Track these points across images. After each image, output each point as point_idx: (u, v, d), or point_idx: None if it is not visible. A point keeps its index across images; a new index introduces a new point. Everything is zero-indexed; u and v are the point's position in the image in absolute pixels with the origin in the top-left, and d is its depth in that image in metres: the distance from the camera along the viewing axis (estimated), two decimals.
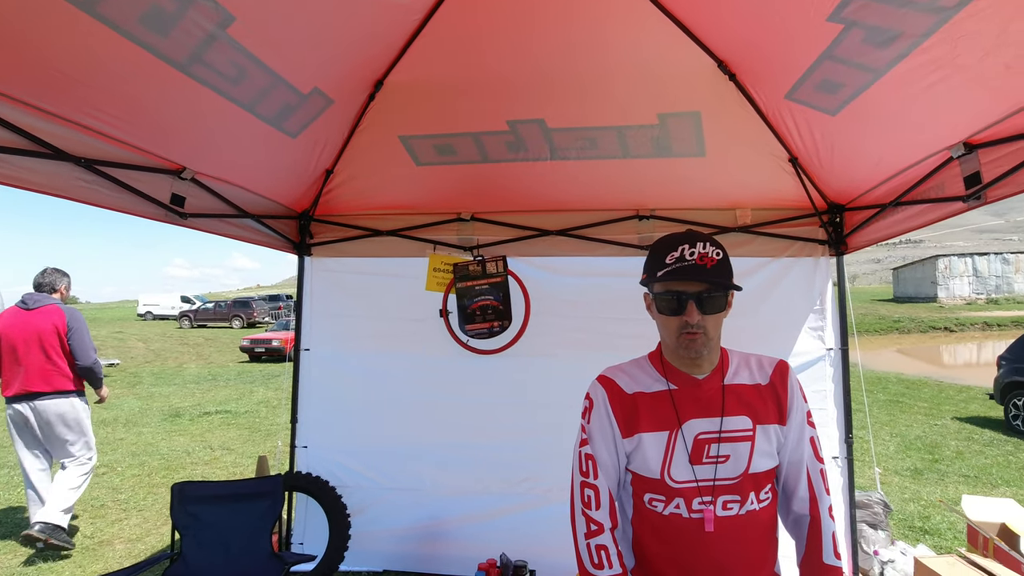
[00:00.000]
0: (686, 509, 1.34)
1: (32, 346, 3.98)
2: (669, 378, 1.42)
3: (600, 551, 1.37)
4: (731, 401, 1.38)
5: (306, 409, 3.67)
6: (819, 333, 3.29)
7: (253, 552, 2.72)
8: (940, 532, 4.46)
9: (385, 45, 2.55)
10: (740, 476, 1.35)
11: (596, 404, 1.45)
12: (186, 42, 1.87)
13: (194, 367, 17.01)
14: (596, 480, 1.41)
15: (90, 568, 3.87)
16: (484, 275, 3.52)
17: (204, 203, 2.78)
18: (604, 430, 1.42)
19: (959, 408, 9.97)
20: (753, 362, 1.46)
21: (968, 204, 2.20)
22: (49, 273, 4.21)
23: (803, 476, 1.42)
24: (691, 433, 1.36)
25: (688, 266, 1.30)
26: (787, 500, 1.45)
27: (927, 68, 1.86)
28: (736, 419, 1.37)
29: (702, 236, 1.34)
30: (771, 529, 1.41)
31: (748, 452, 1.36)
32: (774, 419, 1.39)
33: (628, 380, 1.45)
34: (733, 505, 1.35)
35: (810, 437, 1.43)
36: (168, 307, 37.62)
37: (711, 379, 1.40)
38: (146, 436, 8.03)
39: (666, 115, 2.80)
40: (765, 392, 1.41)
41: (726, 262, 1.34)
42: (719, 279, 1.31)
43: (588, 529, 1.39)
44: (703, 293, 1.31)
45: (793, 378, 1.45)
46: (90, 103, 1.92)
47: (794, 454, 1.42)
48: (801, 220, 3.27)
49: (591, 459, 1.42)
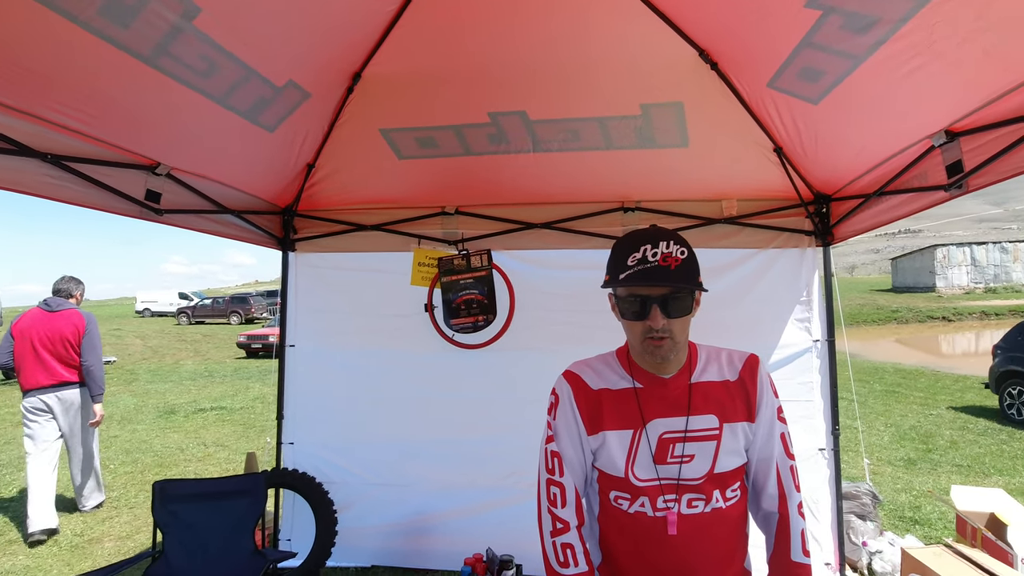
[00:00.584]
0: (651, 508, 1.32)
1: (56, 344, 4.49)
2: (635, 376, 1.39)
3: (566, 549, 1.35)
4: (697, 400, 1.35)
5: (292, 405, 3.65)
6: (806, 324, 3.27)
7: (235, 550, 2.71)
8: (931, 522, 4.46)
9: (361, 36, 2.51)
10: (705, 476, 1.33)
11: (561, 400, 1.42)
12: (149, 34, 1.83)
13: (191, 363, 17.00)
14: (562, 478, 1.38)
15: (78, 566, 3.86)
16: (469, 269, 3.49)
17: (182, 199, 2.75)
18: (570, 427, 1.40)
19: (955, 398, 9.98)
20: (723, 357, 1.42)
21: (950, 193, 2.17)
22: (66, 281, 4.74)
23: (772, 473, 1.39)
24: (655, 432, 1.34)
25: (651, 268, 1.24)
26: (756, 497, 1.42)
27: (906, 54, 1.83)
28: (702, 418, 1.34)
29: (665, 234, 1.29)
30: (739, 526, 1.39)
31: (714, 451, 1.33)
32: (742, 416, 1.36)
33: (594, 376, 1.42)
34: (698, 503, 1.32)
35: (780, 433, 1.40)
36: (166, 304, 37.60)
37: (677, 378, 1.37)
38: (140, 433, 8.03)
39: (648, 106, 2.77)
40: (733, 389, 1.38)
41: (691, 261, 1.28)
42: (684, 281, 1.25)
43: (554, 527, 1.37)
44: (668, 296, 1.25)
45: (763, 373, 1.41)
46: (54, 98, 1.88)
47: (763, 451, 1.39)
48: (787, 211, 3.24)
49: (557, 456, 1.40)
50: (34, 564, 3.90)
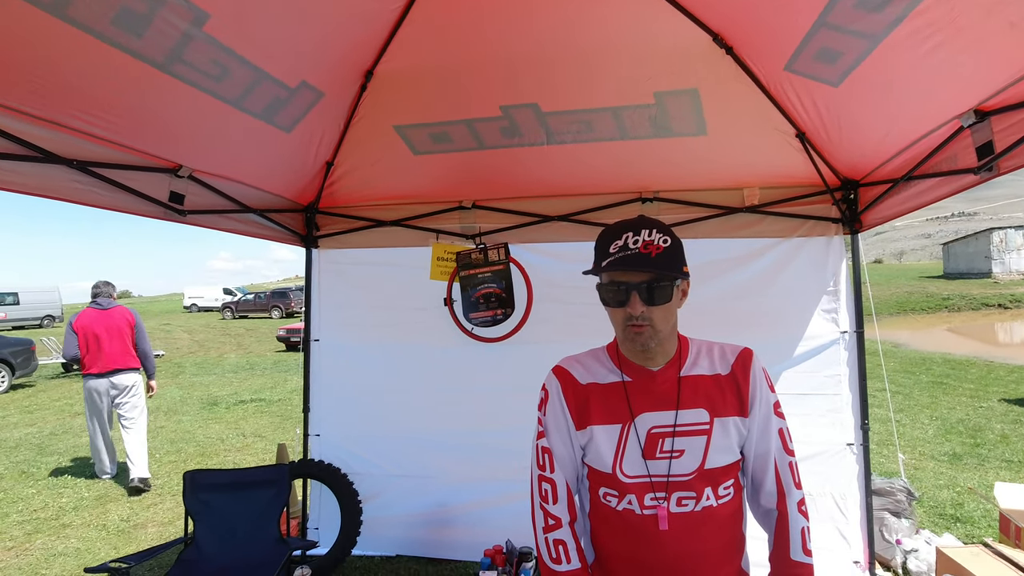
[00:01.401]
0: (638, 505, 1.30)
1: (113, 336, 5.36)
2: (623, 369, 1.37)
3: (558, 546, 1.34)
4: (687, 393, 1.32)
5: (317, 398, 3.75)
6: (833, 315, 3.16)
7: (261, 537, 2.81)
8: (973, 520, 4.26)
9: (370, 33, 2.53)
10: (695, 472, 1.30)
11: (551, 396, 1.41)
12: (162, 42, 1.90)
13: (234, 357, 17.63)
14: (553, 474, 1.37)
15: (124, 549, 4.08)
16: (486, 263, 3.50)
17: (205, 200, 2.84)
18: (559, 422, 1.39)
19: (1008, 389, 9.47)
20: (716, 351, 1.39)
21: (980, 176, 2.06)
22: (103, 284, 5.58)
23: (770, 469, 1.34)
24: (644, 427, 1.32)
25: (631, 255, 1.23)
26: (755, 494, 1.39)
27: (926, 31, 1.74)
28: (692, 412, 1.31)
29: (649, 223, 1.27)
30: (733, 525, 1.36)
31: (704, 447, 1.30)
32: (734, 411, 1.32)
33: (582, 370, 1.40)
34: (688, 502, 1.29)
35: (779, 429, 1.35)
36: (212, 299, 39.03)
37: (666, 371, 1.34)
38: (184, 424, 8.39)
39: (663, 94, 2.71)
40: (724, 383, 1.34)
41: (675, 249, 1.26)
42: (664, 268, 1.23)
43: (546, 524, 1.36)
44: (647, 284, 1.23)
45: (756, 367, 1.36)
46: (77, 106, 1.97)
47: (760, 446, 1.35)
48: (812, 198, 3.13)
49: (547, 452, 1.39)
50: (84, 547, 4.14)
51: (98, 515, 4.77)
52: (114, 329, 5.34)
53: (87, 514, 4.80)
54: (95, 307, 5.40)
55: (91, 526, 4.53)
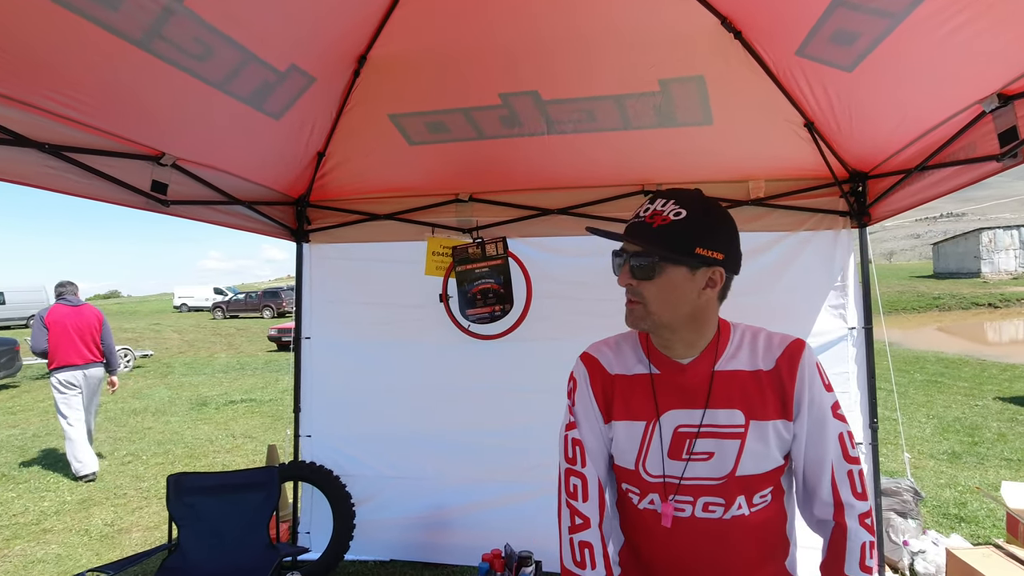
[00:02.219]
0: (660, 506, 1.20)
1: (84, 331, 5.61)
2: (652, 360, 1.25)
3: (584, 548, 1.22)
4: (719, 391, 1.19)
5: (309, 398, 3.62)
6: (840, 311, 3.07)
7: (249, 543, 2.69)
8: (978, 520, 4.20)
9: (363, 15, 2.41)
10: (725, 477, 1.18)
11: (579, 384, 1.30)
12: (140, 16, 1.78)
13: (224, 356, 17.40)
14: (584, 468, 1.25)
15: (107, 555, 3.93)
16: (484, 258, 3.39)
17: (189, 190, 2.71)
18: (588, 413, 1.27)
19: (1002, 388, 9.49)
20: (761, 341, 1.23)
21: (1003, 163, 1.97)
22: (68, 284, 5.85)
23: (825, 478, 1.18)
24: (670, 425, 1.21)
25: (634, 223, 1.17)
26: (808, 502, 1.24)
27: (951, 9, 1.65)
28: (723, 412, 1.18)
29: (676, 193, 1.16)
30: (770, 532, 1.23)
31: (736, 451, 1.17)
32: (775, 414, 1.17)
33: (612, 358, 1.29)
34: (716, 508, 1.18)
35: (838, 433, 1.19)
36: (202, 299, 38.65)
37: (698, 363, 1.21)
38: (173, 425, 8.21)
39: (668, 81, 2.61)
40: (766, 380, 1.18)
41: (687, 225, 1.11)
42: (656, 243, 1.12)
43: (573, 523, 1.24)
44: (634, 255, 1.15)
45: (806, 363, 1.19)
46: (47, 85, 1.84)
47: (812, 452, 1.19)
48: (820, 191, 3.04)
49: (579, 445, 1.26)
50: (65, 553, 3.99)
51: (81, 520, 4.62)
52: (85, 324, 5.61)
53: (69, 519, 4.65)
54: (65, 303, 5.65)
55: (73, 531, 4.38)
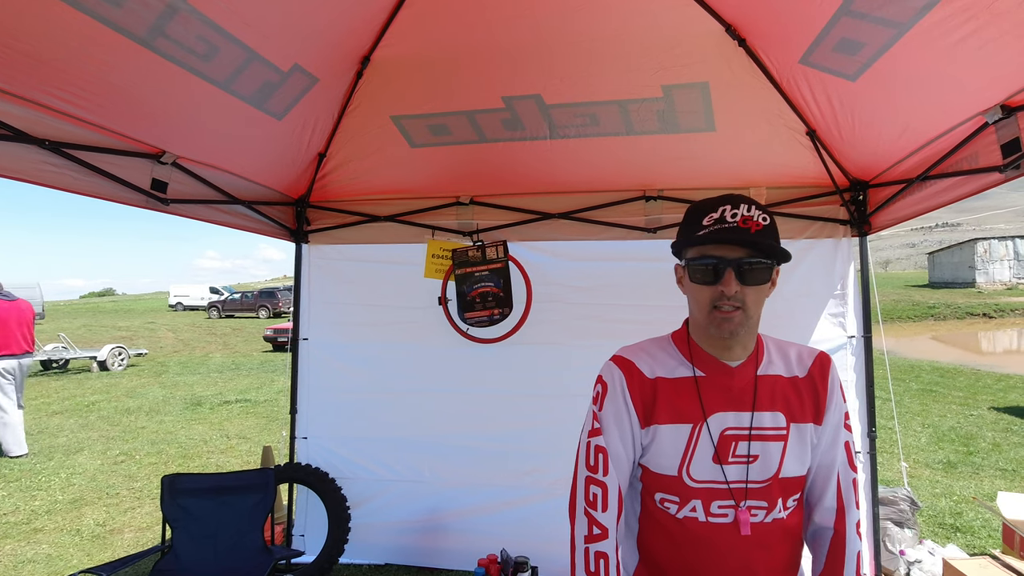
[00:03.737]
0: (703, 512, 1.18)
1: (22, 323, 6.35)
2: (696, 363, 1.23)
3: (600, 560, 1.20)
4: (764, 394, 1.20)
5: (305, 399, 3.60)
6: (840, 320, 3.08)
7: (243, 546, 2.66)
8: (973, 530, 4.21)
9: (367, 16, 2.41)
10: (770, 480, 1.18)
11: (612, 389, 1.25)
12: (144, 13, 1.77)
13: (219, 356, 17.31)
14: (606, 477, 1.22)
15: (99, 556, 3.89)
16: (484, 261, 3.38)
17: (189, 189, 2.70)
18: (621, 419, 1.24)
19: (997, 397, 9.51)
20: (792, 352, 1.27)
21: (1006, 175, 1.98)
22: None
23: (832, 484, 1.24)
24: (718, 428, 1.19)
25: (728, 228, 1.12)
26: (811, 508, 1.26)
27: (958, 18, 1.65)
28: (769, 415, 1.19)
29: (747, 199, 1.16)
30: (798, 537, 1.26)
31: (780, 453, 1.19)
32: (810, 417, 1.21)
33: (649, 362, 1.26)
34: (759, 512, 1.18)
35: (845, 442, 1.25)
36: (198, 298, 38.44)
37: (744, 367, 1.21)
38: (167, 424, 8.15)
39: (671, 87, 2.61)
40: (802, 386, 1.23)
41: (773, 229, 1.15)
42: (764, 245, 1.12)
43: (590, 532, 1.22)
44: (744, 260, 1.11)
45: (835, 373, 1.26)
46: (49, 82, 1.83)
47: (825, 458, 1.24)
48: (821, 199, 3.05)
49: (602, 452, 1.23)
50: (56, 553, 3.94)
51: (72, 519, 4.57)
52: (22, 317, 6.33)
53: (60, 518, 4.60)
54: (3, 298, 6.30)
55: (64, 531, 4.34)
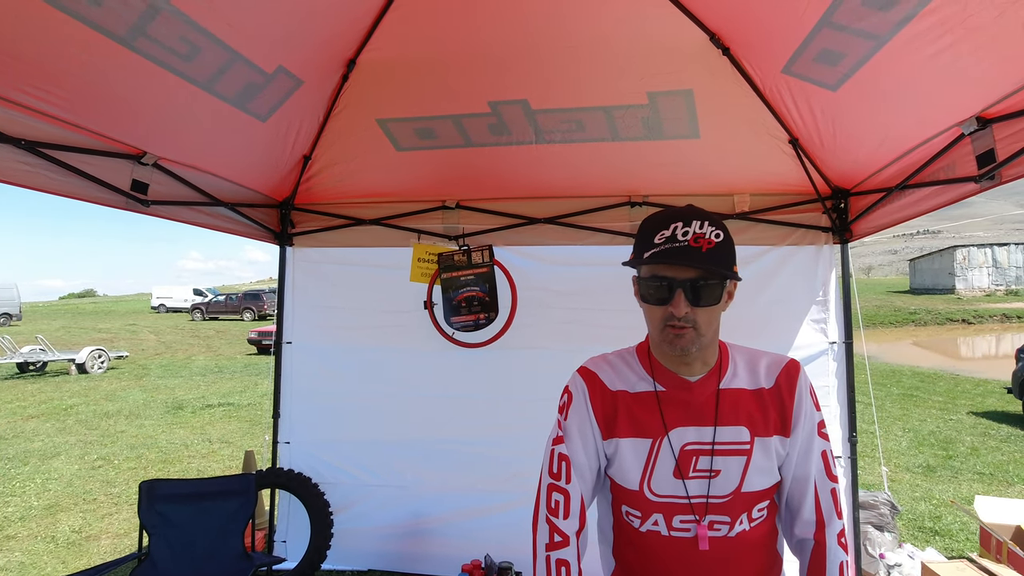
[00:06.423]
0: (665, 527, 1.19)
1: None
2: (656, 377, 1.24)
3: (561, 567, 1.21)
4: (726, 409, 1.20)
5: (288, 403, 3.56)
6: (821, 326, 3.11)
7: (223, 552, 2.62)
8: (952, 533, 4.27)
9: (353, 18, 2.40)
10: (731, 494, 1.18)
11: (576, 399, 1.27)
12: (124, 13, 1.74)
13: (202, 359, 17.09)
14: (568, 484, 1.23)
15: (73, 564, 3.81)
16: (470, 265, 3.38)
17: (171, 190, 2.66)
18: (584, 429, 1.25)
19: (975, 402, 9.69)
20: (761, 363, 1.26)
21: (981, 185, 2.02)
22: None
23: (809, 495, 1.23)
24: (678, 442, 1.19)
25: (679, 248, 1.10)
26: (791, 520, 1.26)
27: (935, 32, 1.68)
28: (731, 430, 1.19)
29: (700, 213, 1.13)
30: (767, 548, 1.25)
31: (742, 468, 1.18)
32: (775, 430, 1.21)
33: (612, 375, 1.27)
34: (721, 526, 1.18)
35: (822, 451, 1.24)
36: (181, 299, 37.84)
37: (705, 382, 1.22)
38: (147, 429, 8.03)
39: (656, 94, 2.63)
40: (767, 398, 1.22)
41: (727, 246, 1.14)
42: (714, 266, 1.10)
43: (551, 540, 1.22)
44: (694, 281, 1.10)
45: (803, 382, 1.24)
46: (25, 80, 1.79)
47: (800, 469, 1.23)
48: (803, 206, 3.09)
49: (565, 460, 1.24)
50: (29, 561, 3.86)
51: (47, 526, 4.48)
52: None
53: (35, 525, 4.50)
54: None
55: (38, 538, 4.24)
